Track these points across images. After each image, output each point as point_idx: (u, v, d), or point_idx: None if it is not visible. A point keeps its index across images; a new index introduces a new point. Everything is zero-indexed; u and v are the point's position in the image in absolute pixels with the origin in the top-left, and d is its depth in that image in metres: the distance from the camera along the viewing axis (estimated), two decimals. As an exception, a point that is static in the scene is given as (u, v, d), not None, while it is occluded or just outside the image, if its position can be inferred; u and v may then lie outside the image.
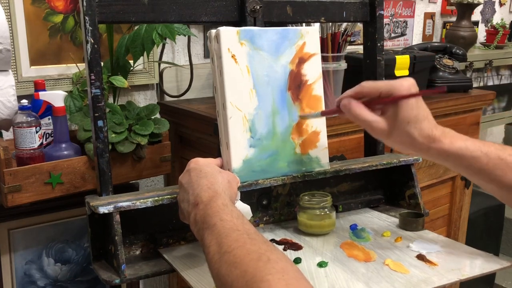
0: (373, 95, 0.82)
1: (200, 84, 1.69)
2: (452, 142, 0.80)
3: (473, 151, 0.80)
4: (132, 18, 0.93)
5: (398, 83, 0.81)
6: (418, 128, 0.80)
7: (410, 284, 0.80)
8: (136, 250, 0.95)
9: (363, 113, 0.82)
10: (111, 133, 1.17)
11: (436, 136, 0.80)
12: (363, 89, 0.83)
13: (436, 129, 0.81)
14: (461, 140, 0.81)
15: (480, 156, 0.80)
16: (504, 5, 2.97)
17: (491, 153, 0.80)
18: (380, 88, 0.82)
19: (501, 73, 2.86)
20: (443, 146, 0.80)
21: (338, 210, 1.09)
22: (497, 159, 0.79)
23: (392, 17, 2.35)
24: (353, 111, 0.82)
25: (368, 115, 0.82)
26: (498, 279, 2.68)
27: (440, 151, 0.81)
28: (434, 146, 0.81)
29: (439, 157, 0.82)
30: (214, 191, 0.77)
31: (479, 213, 2.39)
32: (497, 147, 0.81)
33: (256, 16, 1.00)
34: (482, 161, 0.80)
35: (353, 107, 0.82)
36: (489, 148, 0.80)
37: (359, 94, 0.83)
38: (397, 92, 0.80)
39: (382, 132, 0.82)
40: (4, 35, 1.08)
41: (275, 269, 0.57)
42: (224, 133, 0.92)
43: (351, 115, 0.83)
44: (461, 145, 0.80)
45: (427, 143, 0.81)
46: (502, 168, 0.79)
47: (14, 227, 1.26)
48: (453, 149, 0.80)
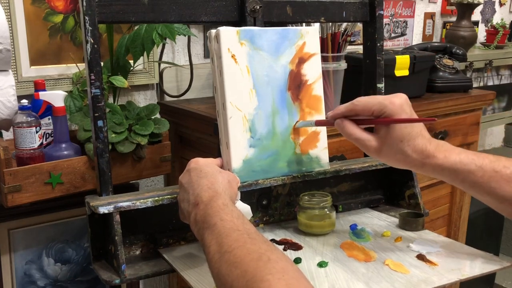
0: (365, 113, 0.83)
1: (200, 84, 1.69)
2: (446, 157, 0.80)
3: (467, 164, 0.80)
4: (132, 18, 0.93)
5: (389, 102, 0.81)
6: (412, 145, 0.80)
7: (410, 284, 0.80)
8: (136, 250, 0.95)
9: (355, 132, 0.84)
10: (111, 133, 1.17)
11: (430, 152, 0.80)
12: (356, 107, 0.84)
13: (430, 144, 0.81)
14: (455, 153, 0.81)
15: (475, 170, 0.79)
16: (504, 5, 2.97)
17: (486, 166, 0.79)
18: (372, 107, 0.82)
19: (501, 73, 2.86)
20: (437, 161, 0.80)
21: (338, 210, 1.09)
22: (492, 171, 0.79)
23: (392, 17, 2.35)
24: (346, 130, 0.84)
25: (360, 134, 0.84)
26: (498, 279, 2.68)
27: (434, 166, 0.81)
28: (428, 162, 0.81)
29: (434, 172, 0.82)
30: (215, 191, 0.77)
31: (479, 213, 2.39)
32: (491, 159, 0.80)
33: (256, 16, 1.00)
34: (477, 174, 0.79)
35: (346, 127, 0.84)
36: (483, 161, 0.80)
37: (352, 111, 0.84)
38: (389, 111, 0.80)
39: (375, 150, 0.83)
40: (4, 35, 1.08)
41: (275, 269, 0.57)
42: (224, 133, 0.92)
43: (344, 133, 0.85)
44: (456, 159, 0.80)
45: (421, 159, 0.81)
46: (497, 180, 0.79)
47: (14, 227, 1.26)
48: (447, 164, 0.80)
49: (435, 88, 1.82)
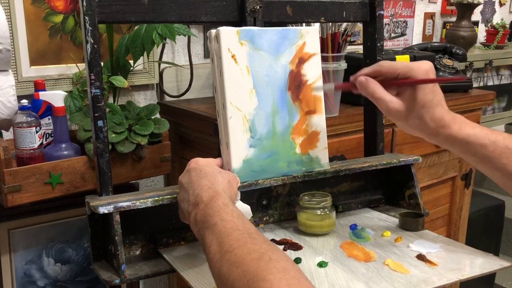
0: (390, 75, 0.83)
1: (200, 84, 1.69)
2: (460, 128, 0.81)
3: (480, 138, 0.80)
4: (132, 18, 0.93)
5: (416, 66, 0.81)
6: (431, 112, 0.81)
7: (410, 284, 0.80)
8: (136, 250, 0.95)
9: (380, 91, 0.82)
10: (111, 133, 1.17)
11: (446, 122, 0.81)
12: (381, 68, 0.83)
13: (448, 115, 0.81)
14: (470, 126, 0.81)
15: (487, 144, 0.80)
16: (504, 5, 2.97)
17: (499, 142, 0.80)
18: (398, 69, 0.82)
19: (501, 73, 2.86)
20: (451, 131, 0.81)
21: (338, 210, 1.09)
22: (504, 147, 0.80)
23: (392, 17, 2.35)
24: (370, 88, 0.82)
25: (384, 94, 0.82)
26: (498, 279, 2.68)
27: (448, 136, 0.81)
28: (442, 132, 0.81)
29: (447, 142, 0.82)
30: (215, 191, 0.77)
31: (479, 213, 2.39)
32: (505, 136, 0.81)
33: (256, 16, 1.00)
34: (489, 148, 0.80)
35: (370, 85, 0.82)
36: (497, 137, 0.80)
37: (377, 72, 0.83)
38: (415, 75, 0.80)
39: (396, 113, 0.82)
40: (4, 35, 1.08)
41: (276, 268, 0.57)
42: (224, 133, 0.92)
43: (367, 92, 0.83)
44: (469, 131, 0.81)
45: (437, 128, 0.81)
46: (508, 157, 0.79)
47: (14, 227, 1.26)
48: (461, 135, 0.81)
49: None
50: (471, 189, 1.98)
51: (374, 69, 0.84)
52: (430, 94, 0.80)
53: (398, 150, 1.60)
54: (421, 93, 0.80)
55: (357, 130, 1.42)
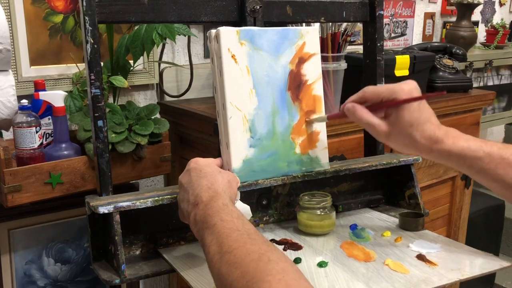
0: (375, 100, 0.84)
1: (200, 84, 1.69)
2: (454, 143, 0.81)
3: (475, 151, 0.80)
4: (132, 18, 0.93)
5: (399, 87, 0.82)
6: (420, 130, 0.81)
7: (410, 284, 0.80)
8: (136, 250, 0.95)
9: (366, 116, 0.84)
10: (111, 133, 1.17)
11: (439, 138, 0.81)
12: (365, 94, 0.85)
13: (439, 130, 0.82)
14: (464, 140, 0.81)
15: (482, 156, 0.80)
16: (504, 5, 2.97)
17: (494, 153, 0.80)
18: (381, 93, 0.83)
19: (501, 73, 2.86)
20: (445, 147, 0.81)
21: (338, 210, 1.09)
22: (499, 158, 0.80)
23: (392, 17, 2.35)
24: (357, 114, 0.85)
25: (371, 118, 0.84)
26: (498, 279, 2.68)
27: (442, 152, 0.82)
28: (436, 147, 0.81)
29: (442, 157, 0.83)
30: (214, 191, 0.77)
31: (479, 213, 2.39)
32: (500, 146, 0.81)
33: (256, 16, 1.00)
34: (484, 161, 0.80)
35: (357, 111, 0.85)
36: (491, 148, 0.80)
37: (362, 99, 0.86)
38: (398, 96, 0.82)
39: (385, 135, 0.84)
40: (4, 35, 1.08)
41: (275, 269, 0.57)
42: (224, 133, 0.92)
43: (355, 118, 0.86)
44: (464, 145, 0.81)
45: (429, 145, 0.82)
46: (504, 167, 0.80)
47: (14, 227, 1.26)
48: (455, 149, 0.81)
49: (435, 88, 1.82)
50: (471, 189, 1.98)
51: (359, 96, 0.86)
52: (416, 112, 0.81)
53: (400, 151, 1.60)
54: (407, 113, 0.81)
55: (357, 130, 1.42)
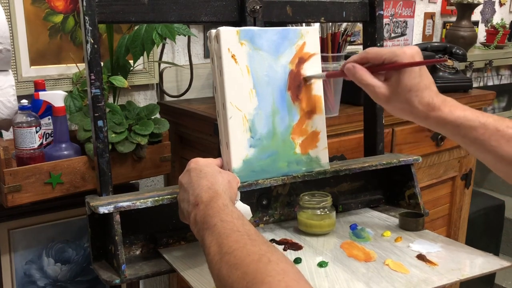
0: (376, 61, 0.84)
1: (200, 84, 1.69)
2: (451, 111, 0.81)
3: (470, 120, 0.80)
4: (132, 18, 0.93)
5: (401, 51, 0.82)
6: (419, 96, 0.81)
7: (410, 284, 0.80)
8: (136, 250, 0.95)
9: (366, 77, 0.84)
10: (111, 133, 1.17)
11: (436, 105, 0.81)
12: (368, 55, 0.85)
13: (437, 98, 0.81)
14: (460, 109, 0.81)
15: (477, 126, 0.80)
16: (504, 5, 2.97)
17: (489, 124, 0.80)
18: (383, 55, 0.83)
19: (501, 73, 2.86)
20: (441, 114, 0.81)
21: (338, 210, 1.09)
22: (494, 130, 0.80)
23: (392, 17, 2.35)
24: (357, 74, 0.84)
25: (371, 79, 0.84)
26: (498, 279, 2.68)
27: (438, 119, 0.81)
28: (432, 115, 0.81)
29: (437, 125, 0.82)
30: (215, 191, 0.77)
31: (479, 213, 2.39)
32: (496, 118, 0.81)
33: (256, 16, 1.00)
34: (479, 131, 0.80)
35: (357, 71, 0.84)
36: (487, 119, 0.80)
37: (364, 59, 0.85)
38: (400, 59, 0.81)
39: (383, 98, 0.84)
40: (4, 35, 1.08)
41: (275, 270, 0.57)
42: (224, 133, 0.92)
43: (355, 78, 0.85)
44: (460, 114, 0.81)
45: (426, 111, 0.81)
46: (498, 139, 0.79)
47: (14, 227, 1.26)
48: (451, 118, 0.81)
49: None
50: (471, 189, 1.98)
51: (361, 56, 0.86)
52: (416, 78, 0.81)
53: (398, 150, 1.60)
54: (407, 77, 0.81)
55: (357, 130, 1.42)
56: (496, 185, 3.14)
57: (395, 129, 1.59)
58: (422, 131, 1.67)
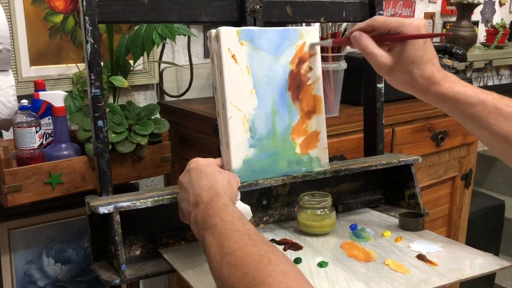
0: (382, 30, 0.84)
1: (200, 84, 1.69)
2: (451, 86, 0.81)
3: (470, 96, 0.80)
4: (132, 18, 0.93)
5: (408, 22, 0.82)
6: (421, 69, 0.81)
7: (410, 284, 0.80)
8: (136, 250, 0.95)
9: (370, 45, 0.84)
10: (111, 133, 1.17)
11: (437, 79, 0.81)
12: (374, 23, 0.85)
13: (438, 73, 0.82)
14: (460, 85, 0.81)
15: (476, 103, 0.80)
16: (504, 5, 2.97)
17: (488, 101, 0.80)
18: (390, 24, 0.83)
19: (501, 73, 2.86)
20: (441, 89, 0.81)
21: (338, 210, 1.09)
22: (493, 107, 0.79)
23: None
24: (362, 42, 0.84)
25: (375, 48, 0.84)
26: (498, 279, 2.68)
27: (437, 94, 0.81)
28: (432, 89, 0.81)
29: (436, 100, 0.83)
30: (215, 191, 0.77)
31: (479, 213, 2.39)
32: (495, 96, 0.81)
33: (256, 16, 1.00)
34: (477, 108, 0.80)
35: (362, 39, 0.84)
36: (486, 96, 0.80)
37: (370, 27, 0.85)
38: (406, 30, 0.81)
39: (386, 67, 0.84)
40: (4, 35, 1.08)
41: (276, 271, 0.57)
42: (224, 133, 0.92)
43: (359, 46, 0.85)
44: (460, 90, 0.81)
45: (426, 85, 0.81)
46: (496, 117, 0.79)
47: (14, 227, 1.26)
48: (450, 93, 0.81)
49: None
50: (471, 189, 1.98)
51: (368, 24, 0.85)
52: (420, 50, 0.81)
53: (398, 150, 1.60)
54: (411, 49, 0.81)
55: (357, 130, 1.42)
56: (496, 185, 3.14)
57: (395, 129, 1.59)
58: (422, 131, 1.67)
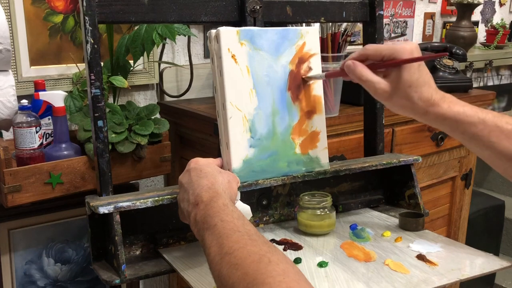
0: (376, 58, 0.84)
1: (200, 84, 1.69)
2: (450, 107, 0.81)
3: (469, 116, 0.80)
4: (132, 18, 0.93)
5: (400, 47, 0.82)
6: (419, 92, 0.81)
7: (410, 284, 0.80)
8: (136, 250, 0.95)
9: (366, 73, 0.84)
10: (111, 133, 1.17)
11: (435, 101, 0.81)
12: (367, 51, 0.85)
13: (436, 94, 0.82)
14: (460, 105, 0.81)
15: (476, 122, 0.80)
16: (504, 5, 2.97)
17: (488, 120, 0.80)
18: (382, 52, 0.83)
19: (501, 73, 2.86)
20: (440, 110, 0.81)
21: (338, 210, 1.09)
22: (494, 126, 0.80)
23: (392, 17, 2.35)
24: (358, 71, 0.84)
25: (371, 76, 0.84)
26: (498, 279, 2.68)
27: (437, 115, 0.82)
28: (432, 110, 0.81)
29: (436, 121, 0.83)
30: (215, 191, 0.77)
31: (479, 213, 2.39)
32: (495, 114, 0.81)
33: (256, 16, 1.00)
34: (478, 127, 0.80)
35: (357, 68, 0.84)
36: (486, 115, 0.80)
37: (363, 56, 0.85)
38: (400, 55, 0.82)
39: (384, 94, 0.84)
40: (4, 35, 1.08)
41: (276, 271, 0.57)
42: (224, 133, 0.92)
43: (355, 75, 0.85)
44: (459, 110, 0.81)
45: (425, 107, 0.81)
46: (497, 135, 0.79)
47: (14, 227, 1.26)
48: (450, 113, 0.81)
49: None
50: (471, 189, 1.98)
51: (360, 53, 0.85)
52: (416, 73, 0.81)
53: (398, 150, 1.60)
54: (407, 73, 0.81)
55: (357, 130, 1.42)
56: (496, 185, 3.14)
57: (395, 129, 1.59)
58: (422, 131, 1.67)
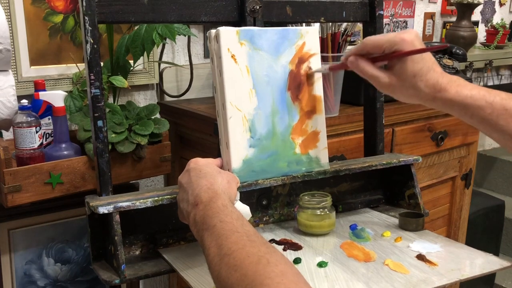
0: (376, 51, 0.84)
1: (200, 84, 1.69)
2: (457, 92, 0.81)
3: (478, 100, 0.80)
4: (132, 18, 0.93)
5: (400, 39, 0.81)
6: (424, 80, 0.81)
7: (410, 284, 0.80)
8: (136, 250, 0.95)
9: (369, 68, 0.84)
10: (111, 133, 1.17)
11: (442, 86, 0.81)
12: (366, 46, 0.84)
13: (442, 78, 0.81)
14: (467, 89, 0.81)
15: (485, 106, 0.80)
16: (504, 5, 2.97)
17: (496, 103, 0.79)
18: (383, 44, 0.83)
19: (501, 73, 2.86)
20: (448, 95, 0.81)
21: (338, 210, 1.09)
22: (502, 109, 0.79)
23: (392, 17, 2.35)
24: (360, 67, 0.84)
25: (374, 71, 0.84)
26: (498, 279, 2.68)
27: (445, 100, 0.81)
28: (439, 96, 0.81)
29: (445, 106, 0.82)
30: (214, 191, 0.77)
31: (479, 213, 2.39)
32: (503, 96, 0.80)
33: (256, 16, 1.00)
34: (486, 110, 0.80)
35: (360, 64, 0.84)
36: (494, 98, 0.80)
37: (363, 50, 0.85)
38: (400, 47, 0.81)
39: (389, 87, 0.84)
40: (4, 35, 1.08)
41: (274, 272, 0.57)
42: (224, 133, 0.92)
43: (358, 70, 0.85)
44: (467, 94, 0.80)
45: (433, 93, 0.81)
46: (506, 118, 0.79)
47: (14, 227, 1.26)
48: (458, 98, 0.80)
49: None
50: (471, 189, 1.98)
51: (360, 48, 0.85)
52: (419, 62, 0.81)
53: (398, 150, 1.60)
54: (410, 64, 0.81)
55: (357, 130, 1.42)
56: (496, 185, 3.14)
57: (395, 129, 1.59)
58: (422, 131, 1.67)
